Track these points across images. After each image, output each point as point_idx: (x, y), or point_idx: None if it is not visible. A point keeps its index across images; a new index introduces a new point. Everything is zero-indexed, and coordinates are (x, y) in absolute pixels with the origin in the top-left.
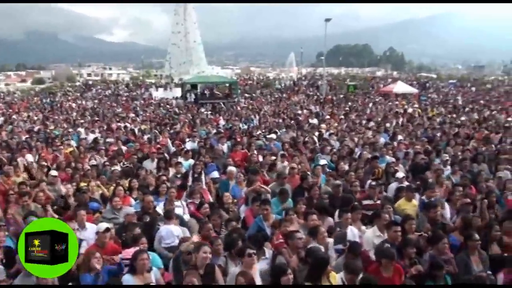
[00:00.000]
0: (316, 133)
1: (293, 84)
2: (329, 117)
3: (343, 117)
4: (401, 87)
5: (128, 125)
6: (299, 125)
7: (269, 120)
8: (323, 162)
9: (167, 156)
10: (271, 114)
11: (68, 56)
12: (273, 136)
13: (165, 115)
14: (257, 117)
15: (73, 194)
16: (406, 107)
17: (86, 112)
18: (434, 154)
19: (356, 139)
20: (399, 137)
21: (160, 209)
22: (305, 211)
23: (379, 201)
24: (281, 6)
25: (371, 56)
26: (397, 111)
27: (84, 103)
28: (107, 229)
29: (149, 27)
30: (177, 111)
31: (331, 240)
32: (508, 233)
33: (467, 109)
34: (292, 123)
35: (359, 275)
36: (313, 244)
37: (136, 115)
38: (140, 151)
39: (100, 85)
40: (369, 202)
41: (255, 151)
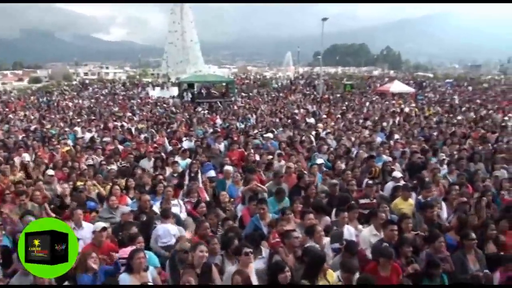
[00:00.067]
0: (313, 132)
1: (290, 83)
2: (326, 116)
3: (340, 116)
4: (397, 87)
5: (124, 124)
6: (296, 124)
7: (266, 119)
8: (320, 161)
9: (164, 155)
10: (268, 113)
11: (65, 55)
12: (270, 135)
13: (162, 114)
14: (254, 116)
15: (70, 193)
16: (402, 106)
17: (82, 111)
18: (430, 153)
19: (353, 138)
20: (396, 136)
21: (156, 208)
22: (302, 210)
23: (375, 200)
24: (278, 5)
25: (368, 55)
26: (394, 110)
27: (80, 102)
28: (104, 228)
29: (146, 26)
30: (174, 110)
31: (328, 239)
32: (504, 232)
33: (464, 108)
34: (289, 122)
35: (356, 274)
36: (309, 243)
37: (132, 114)
38: (136, 150)
39: (97, 84)
40: (366, 201)
41: (252, 150)
